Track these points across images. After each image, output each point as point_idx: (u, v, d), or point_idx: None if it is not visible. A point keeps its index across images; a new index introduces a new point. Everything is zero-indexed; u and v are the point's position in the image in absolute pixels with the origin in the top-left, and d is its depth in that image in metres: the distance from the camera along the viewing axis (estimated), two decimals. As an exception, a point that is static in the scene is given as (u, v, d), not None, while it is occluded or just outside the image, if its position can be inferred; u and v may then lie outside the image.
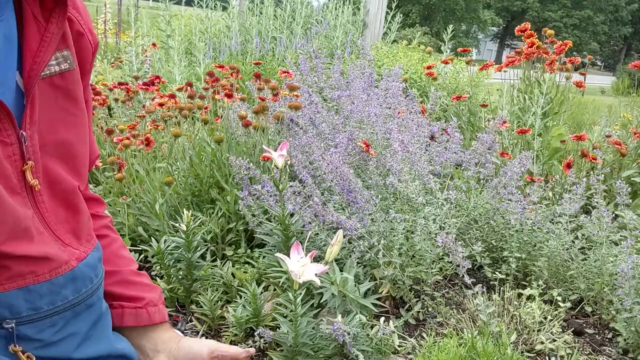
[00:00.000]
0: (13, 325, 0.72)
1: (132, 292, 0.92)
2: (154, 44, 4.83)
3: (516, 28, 3.17)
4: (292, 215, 1.87)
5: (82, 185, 0.83)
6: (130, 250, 2.03)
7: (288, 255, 1.09)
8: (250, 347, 1.59)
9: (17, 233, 0.69)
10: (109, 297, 0.90)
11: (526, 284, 1.93)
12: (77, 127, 0.79)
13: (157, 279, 1.93)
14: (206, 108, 2.41)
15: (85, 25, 0.81)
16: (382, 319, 1.63)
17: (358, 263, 1.79)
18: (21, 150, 0.70)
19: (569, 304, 1.78)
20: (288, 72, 2.99)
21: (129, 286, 0.92)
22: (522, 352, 1.58)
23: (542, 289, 1.82)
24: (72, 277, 0.78)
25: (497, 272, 1.90)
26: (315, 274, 1.08)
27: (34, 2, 0.72)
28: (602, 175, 1.95)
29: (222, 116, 2.41)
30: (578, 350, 1.63)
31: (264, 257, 1.93)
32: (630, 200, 1.83)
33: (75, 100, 0.79)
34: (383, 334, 1.55)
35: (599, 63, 45.17)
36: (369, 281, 1.74)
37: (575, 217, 1.94)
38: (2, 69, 0.68)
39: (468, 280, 1.59)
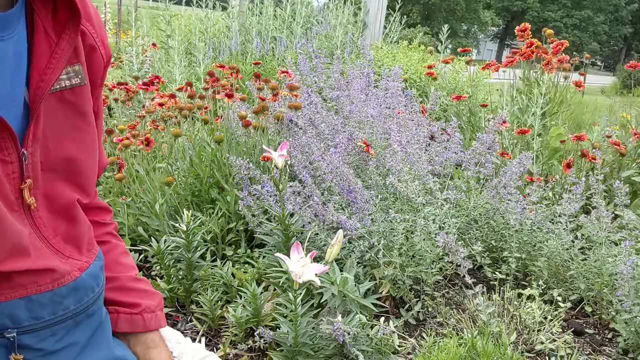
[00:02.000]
0: (14, 334, 0.72)
1: (129, 299, 0.91)
2: (154, 44, 4.83)
3: (516, 28, 3.17)
4: (292, 215, 1.87)
5: (86, 198, 0.82)
6: (130, 250, 2.03)
7: (288, 255, 1.09)
8: (250, 347, 1.60)
9: (17, 250, 0.69)
10: (106, 303, 0.89)
11: (526, 284, 1.93)
12: (84, 142, 0.78)
13: (157, 279, 1.93)
14: (206, 108, 2.41)
15: (99, 39, 0.80)
16: (382, 319, 1.63)
17: (358, 263, 1.79)
18: (21, 168, 0.69)
19: (569, 304, 1.79)
20: (287, 72, 2.98)
21: (126, 293, 0.91)
22: (522, 352, 1.58)
23: (542, 289, 1.83)
24: (75, 287, 0.78)
25: (497, 272, 1.90)
26: (316, 274, 1.08)
27: (47, 16, 0.71)
28: (602, 175, 1.95)
29: (222, 116, 2.41)
30: (578, 350, 1.63)
31: (264, 257, 1.93)
32: (630, 201, 1.83)
33: (84, 115, 0.78)
34: (383, 334, 1.55)
35: (599, 63, 45.17)
36: (369, 281, 1.74)
37: (575, 217, 1.94)
38: (11, 85, 0.67)
39: (469, 280, 1.59)
